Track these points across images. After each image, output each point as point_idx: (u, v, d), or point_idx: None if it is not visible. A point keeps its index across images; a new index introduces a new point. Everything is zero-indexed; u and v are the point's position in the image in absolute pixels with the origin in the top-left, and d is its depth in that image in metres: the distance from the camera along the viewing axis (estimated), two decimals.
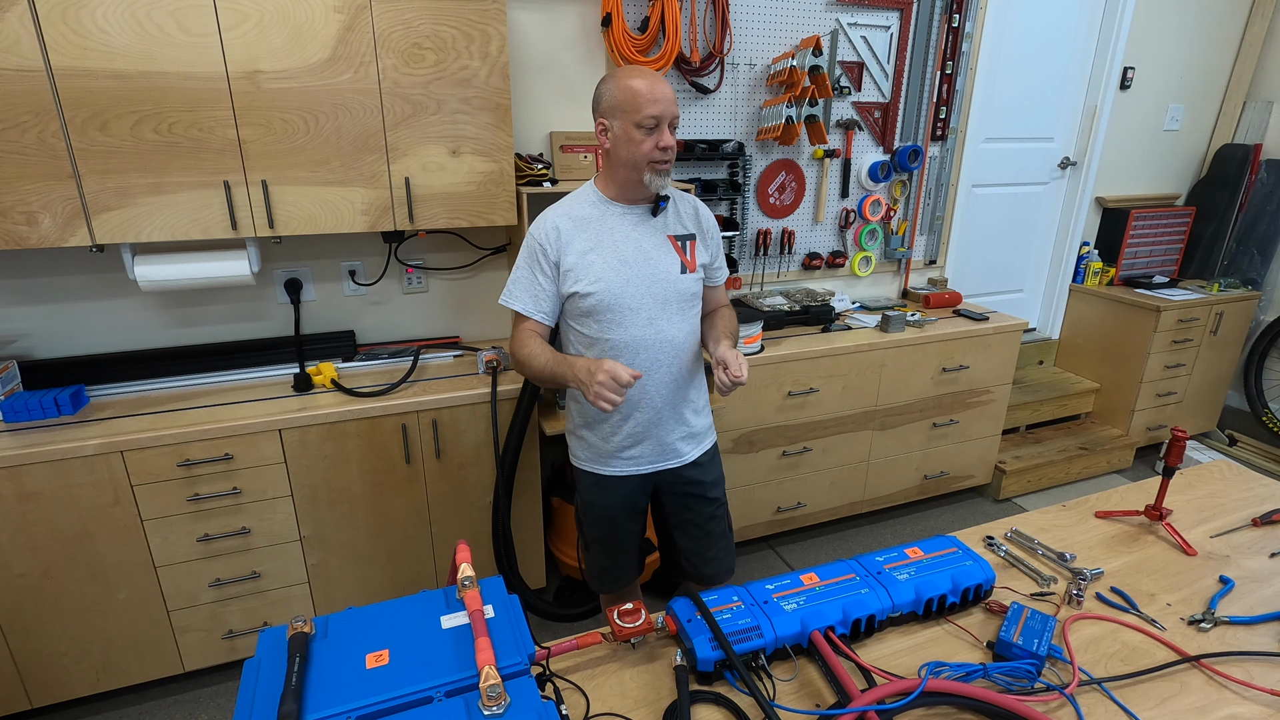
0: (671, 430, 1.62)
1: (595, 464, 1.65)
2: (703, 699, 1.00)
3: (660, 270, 1.54)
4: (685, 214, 1.62)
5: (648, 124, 1.43)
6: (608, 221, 1.53)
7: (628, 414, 1.58)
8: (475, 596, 0.93)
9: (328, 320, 2.38)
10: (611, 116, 1.46)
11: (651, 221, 1.56)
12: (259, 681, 0.85)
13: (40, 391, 1.92)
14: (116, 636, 1.93)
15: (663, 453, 1.63)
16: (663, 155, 1.46)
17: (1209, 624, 1.16)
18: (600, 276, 1.49)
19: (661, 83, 1.44)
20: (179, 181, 1.82)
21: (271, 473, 1.95)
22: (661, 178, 1.49)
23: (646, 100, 1.42)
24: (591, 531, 1.73)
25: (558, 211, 1.54)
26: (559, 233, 1.51)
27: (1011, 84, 3.21)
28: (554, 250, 1.51)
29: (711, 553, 1.75)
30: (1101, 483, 3.38)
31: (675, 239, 1.58)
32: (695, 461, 1.68)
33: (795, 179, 2.85)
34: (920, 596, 1.14)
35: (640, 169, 1.47)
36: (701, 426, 1.70)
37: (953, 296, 3.10)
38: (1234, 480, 1.66)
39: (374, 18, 1.86)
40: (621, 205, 1.55)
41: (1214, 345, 3.51)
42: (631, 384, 1.35)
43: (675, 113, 1.46)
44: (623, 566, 1.77)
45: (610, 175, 1.54)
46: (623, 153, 1.47)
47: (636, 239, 1.54)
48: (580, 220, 1.53)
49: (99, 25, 1.65)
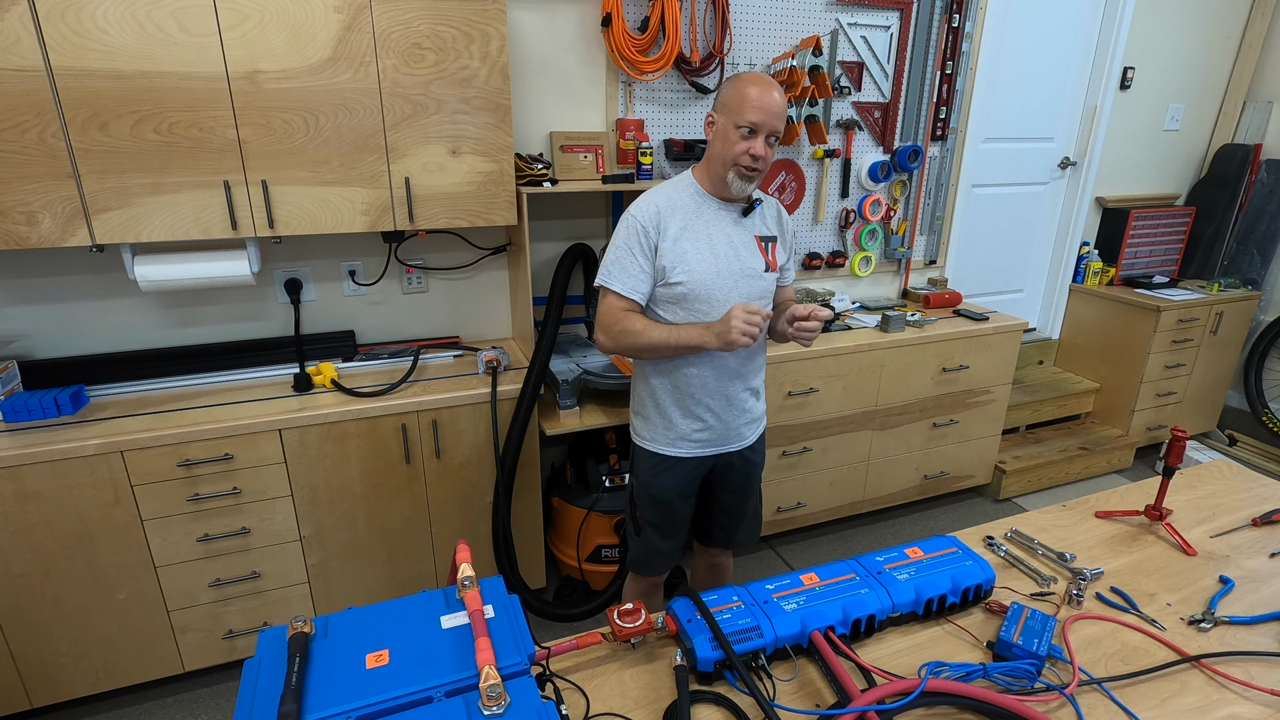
0: (739, 416, 1.70)
1: (662, 445, 1.70)
2: (703, 699, 1.00)
3: (748, 266, 1.61)
4: (770, 217, 1.70)
5: (746, 127, 1.49)
6: (704, 214, 1.60)
7: (704, 397, 1.65)
8: (475, 596, 0.93)
9: (328, 320, 2.38)
10: (720, 112, 1.55)
11: (743, 221, 1.64)
12: (259, 681, 0.85)
13: (40, 391, 1.92)
14: (116, 636, 1.93)
15: (727, 436, 1.71)
16: (751, 162, 1.51)
17: (1209, 624, 1.16)
18: (693, 266, 1.56)
19: (773, 94, 1.49)
20: (179, 181, 1.82)
21: (271, 473, 1.95)
22: (745, 182, 1.55)
23: (751, 106, 1.48)
24: (646, 513, 1.76)
25: (658, 195, 1.61)
26: (660, 215, 1.57)
27: (1011, 84, 3.21)
28: (655, 232, 1.56)
29: (744, 522, 1.85)
30: (1101, 483, 3.38)
31: (760, 239, 1.66)
32: (752, 445, 1.76)
33: (795, 179, 2.85)
34: (920, 596, 1.14)
35: (728, 167, 1.54)
36: (760, 412, 1.78)
37: (953, 296, 3.10)
38: (1234, 480, 1.66)
39: (374, 18, 1.86)
40: (717, 200, 1.62)
41: (1214, 345, 3.51)
42: (760, 316, 1.44)
43: (777, 126, 1.51)
44: (673, 550, 1.82)
45: (707, 168, 1.61)
46: (718, 148, 1.55)
47: (729, 235, 1.61)
48: (679, 207, 1.59)
49: (99, 25, 1.65)
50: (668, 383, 1.66)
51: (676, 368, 1.63)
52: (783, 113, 1.52)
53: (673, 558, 1.83)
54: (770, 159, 1.55)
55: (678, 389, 1.65)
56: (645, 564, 1.83)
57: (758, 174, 1.55)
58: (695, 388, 1.64)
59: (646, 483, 1.74)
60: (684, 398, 1.66)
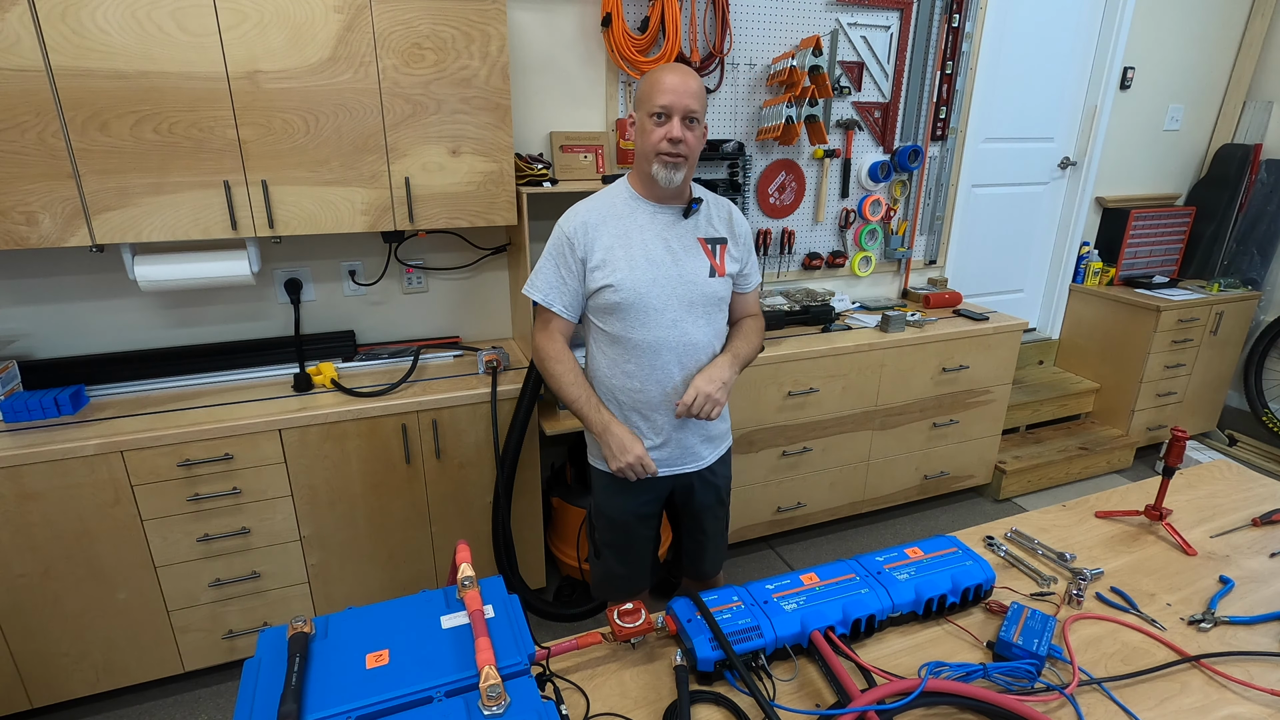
0: (692, 434, 1.61)
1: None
2: (703, 699, 1.00)
3: (688, 272, 1.52)
4: (718, 218, 1.60)
5: (658, 112, 1.42)
6: (638, 219, 1.51)
7: (649, 414, 1.57)
8: (475, 596, 0.93)
9: (328, 320, 2.38)
10: (635, 109, 1.50)
11: (683, 223, 1.54)
12: (259, 681, 0.85)
13: (40, 391, 1.92)
14: (116, 636, 1.93)
15: (682, 456, 1.62)
16: (670, 147, 1.42)
17: (1209, 624, 1.16)
18: (626, 274, 1.47)
19: (680, 75, 1.42)
20: (179, 181, 1.82)
21: (271, 473, 1.95)
22: (670, 170, 1.45)
23: (659, 90, 1.42)
24: (603, 536, 1.69)
25: (587, 206, 1.53)
26: (586, 228, 1.49)
27: (1011, 84, 3.21)
28: (581, 245, 1.49)
29: (708, 552, 1.77)
30: (1101, 483, 3.38)
31: (706, 242, 1.55)
32: (712, 467, 1.67)
33: (795, 179, 2.85)
34: (920, 596, 1.14)
35: (650, 160, 1.46)
36: (720, 430, 1.68)
37: (953, 296, 3.10)
38: (1234, 480, 1.66)
39: (374, 18, 1.86)
40: (652, 204, 1.53)
41: (1214, 345, 3.51)
42: (645, 474, 1.49)
43: (690, 105, 1.42)
44: (634, 575, 1.72)
45: (637, 170, 1.54)
46: (638, 143, 1.49)
47: (666, 239, 1.51)
48: (610, 216, 1.51)
49: (99, 25, 1.65)
50: (613, 401, 1.58)
51: (618, 383, 1.55)
52: (696, 92, 1.43)
53: (634, 583, 1.72)
54: (695, 143, 1.45)
55: (622, 406, 1.57)
56: (605, 589, 1.74)
57: (682, 160, 1.44)
58: (640, 404, 1.55)
59: (602, 504, 1.66)
60: (630, 414, 1.57)
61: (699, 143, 1.48)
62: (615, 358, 1.54)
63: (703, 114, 1.46)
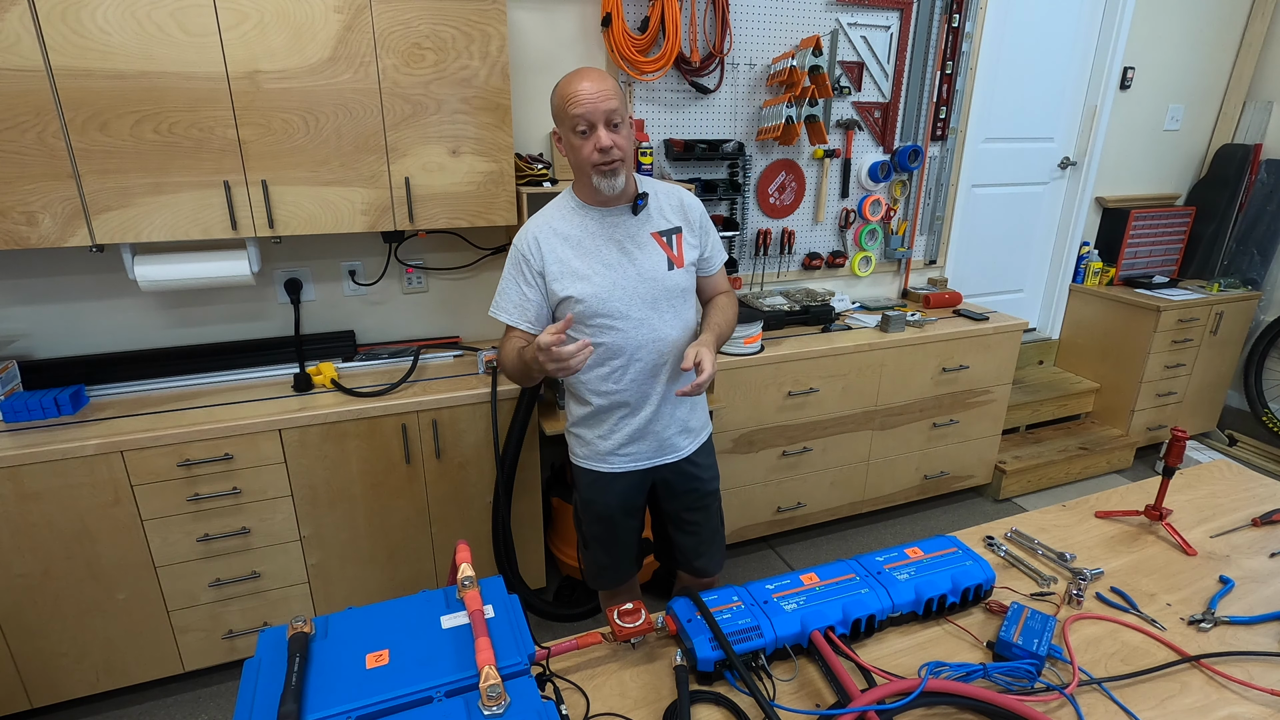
0: (668, 425, 1.62)
1: (594, 461, 1.65)
2: (703, 699, 1.00)
3: (647, 270, 1.51)
4: (669, 207, 1.57)
5: (578, 127, 1.39)
6: (588, 227, 1.51)
7: (626, 412, 1.59)
8: (475, 596, 0.93)
9: (328, 320, 2.38)
10: (558, 124, 1.45)
11: (632, 221, 1.53)
12: (259, 681, 0.85)
13: (40, 391, 1.92)
14: (116, 636, 1.93)
15: (660, 448, 1.63)
16: (602, 157, 1.40)
17: (1209, 624, 1.16)
18: (585, 283, 1.48)
19: (590, 80, 1.37)
20: (179, 181, 1.82)
21: (271, 473, 1.95)
22: (609, 179, 1.43)
23: (571, 103, 1.37)
24: (590, 529, 1.73)
25: (537, 221, 1.53)
26: (539, 243, 1.50)
27: (1011, 84, 3.21)
28: (536, 260, 1.49)
29: (704, 548, 1.77)
30: (1101, 483, 3.38)
31: (660, 235, 1.55)
32: (691, 457, 1.68)
33: (795, 179, 2.85)
34: (920, 596, 1.14)
35: (587, 173, 1.44)
36: (698, 422, 1.70)
37: (953, 296, 3.10)
38: (1234, 480, 1.66)
39: (374, 18, 1.86)
40: (599, 209, 1.52)
41: (1214, 345, 3.51)
42: (567, 345, 1.29)
43: (607, 108, 1.37)
44: (620, 564, 1.77)
45: (578, 180, 1.52)
46: (571, 158, 1.46)
47: (619, 241, 1.51)
48: (559, 226, 1.51)
49: (99, 25, 1.65)
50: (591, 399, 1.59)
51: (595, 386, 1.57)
52: (611, 91, 1.37)
53: (620, 571, 1.77)
54: (625, 143, 1.42)
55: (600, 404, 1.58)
56: (597, 578, 1.79)
57: (619, 164, 1.41)
58: (617, 403, 1.57)
59: (587, 499, 1.69)
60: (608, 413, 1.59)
61: (629, 141, 1.46)
62: (590, 361, 1.54)
63: (624, 109, 1.41)
